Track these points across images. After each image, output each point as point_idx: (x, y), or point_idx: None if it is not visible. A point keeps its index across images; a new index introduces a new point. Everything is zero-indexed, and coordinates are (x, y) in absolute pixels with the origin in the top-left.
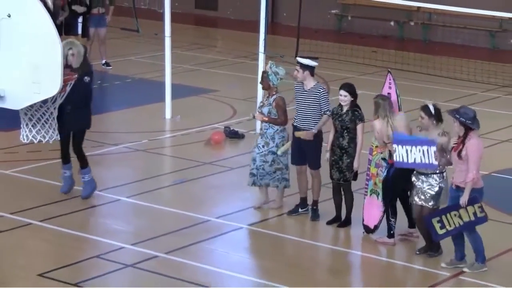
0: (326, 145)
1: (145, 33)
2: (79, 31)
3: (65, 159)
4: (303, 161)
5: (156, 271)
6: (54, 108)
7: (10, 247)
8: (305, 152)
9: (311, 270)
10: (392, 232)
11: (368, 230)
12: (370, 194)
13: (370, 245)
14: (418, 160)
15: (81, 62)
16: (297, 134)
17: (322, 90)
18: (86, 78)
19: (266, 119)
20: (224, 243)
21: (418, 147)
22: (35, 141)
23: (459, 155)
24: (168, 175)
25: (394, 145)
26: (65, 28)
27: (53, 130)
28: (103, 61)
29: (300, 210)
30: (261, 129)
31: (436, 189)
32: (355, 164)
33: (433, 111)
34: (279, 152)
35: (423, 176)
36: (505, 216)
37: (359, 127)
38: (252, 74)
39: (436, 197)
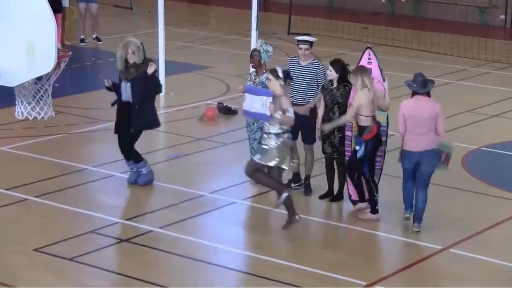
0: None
1: (138, 10)
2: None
3: (128, 157)
4: (295, 137)
5: (150, 246)
6: (49, 85)
7: (6, 223)
8: (298, 128)
9: (304, 243)
10: (376, 208)
11: (357, 203)
12: None
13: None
14: (258, 111)
15: (144, 56)
16: (296, 109)
17: (321, 67)
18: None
19: None
20: (218, 217)
21: (260, 97)
22: (30, 118)
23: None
24: (162, 150)
25: (245, 94)
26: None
27: (48, 107)
28: (94, 36)
29: (292, 185)
30: None
31: (271, 144)
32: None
33: (280, 74)
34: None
35: (265, 135)
36: (495, 190)
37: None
38: (245, 51)
39: (263, 150)
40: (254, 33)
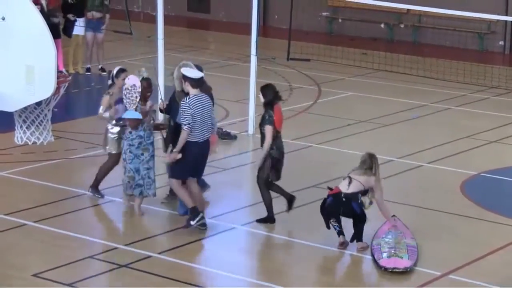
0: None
1: (138, 35)
2: (74, 32)
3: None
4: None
5: (149, 271)
6: (48, 110)
7: (5, 248)
8: None
9: (302, 269)
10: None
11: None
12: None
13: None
14: None
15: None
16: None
17: (181, 102)
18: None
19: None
20: (217, 243)
21: None
22: (30, 143)
23: None
24: (160, 176)
25: None
26: (57, 31)
27: (47, 132)
28: (99, 66)
29: (192, 222)
30: None
31: None
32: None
33: None
34: None
35: None
36: (494, 216)
37: (266, 128)
38: (244, 76)
39: None
40: (253, 58)
